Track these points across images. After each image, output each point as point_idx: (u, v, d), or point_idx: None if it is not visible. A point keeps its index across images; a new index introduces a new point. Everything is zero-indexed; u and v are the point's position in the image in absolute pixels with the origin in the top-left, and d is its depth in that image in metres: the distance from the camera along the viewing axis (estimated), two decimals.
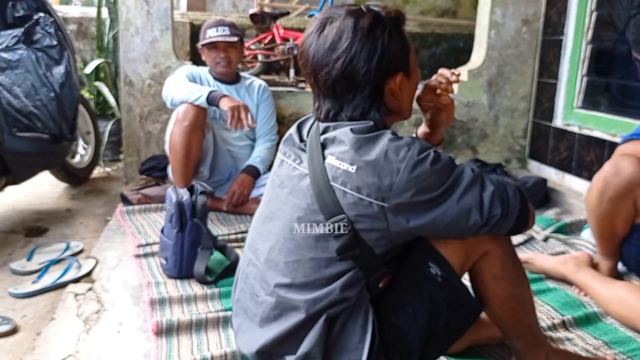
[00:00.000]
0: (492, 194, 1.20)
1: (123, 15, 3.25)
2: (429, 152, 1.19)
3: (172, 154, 2.74)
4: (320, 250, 1.24)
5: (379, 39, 1.23)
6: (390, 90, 1.28)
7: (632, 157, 1.89)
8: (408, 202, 1.17)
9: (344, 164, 1.21)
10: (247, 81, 3.11)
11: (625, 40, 3.10)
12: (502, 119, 3.67)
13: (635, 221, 1.97)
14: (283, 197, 1.32)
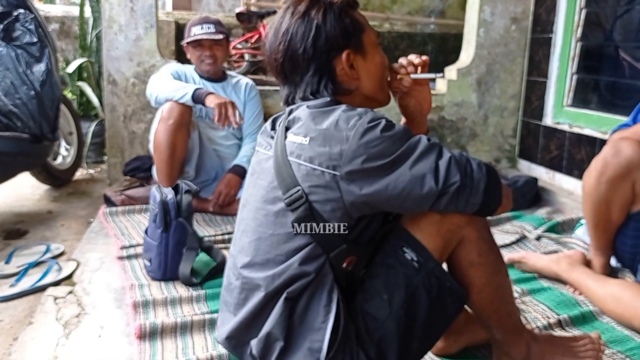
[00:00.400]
0: (449, 160, 1.17)
1: (106, 12, 3.18)
2: (381, 120, 1.19)
3: (156, 154, 2.67)
4: (280, 225, 1.23)
5: (313, 19, 1.28)
6: (341, 69, 1.30)
7: (631, 140, 1.87)
8: (359, 169, 1.16)
9: (299, 137, 1.22)
10: (233, 79, 3.04)
11: (614, 37, 3.08)
12: (491, 118, 3.64)
13: (631, 210, 1.94)
14: (253, 182, 1.33)
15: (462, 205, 1.19)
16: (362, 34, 1.32)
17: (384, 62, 1.38)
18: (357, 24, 1.33)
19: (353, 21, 1.32)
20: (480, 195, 1.19)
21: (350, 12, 1.33)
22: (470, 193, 1.18)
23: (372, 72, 1.35)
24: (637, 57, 2.92)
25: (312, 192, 1.19)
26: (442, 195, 1.17)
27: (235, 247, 1.34)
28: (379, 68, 1.36)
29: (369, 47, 1.33)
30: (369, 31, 1.34)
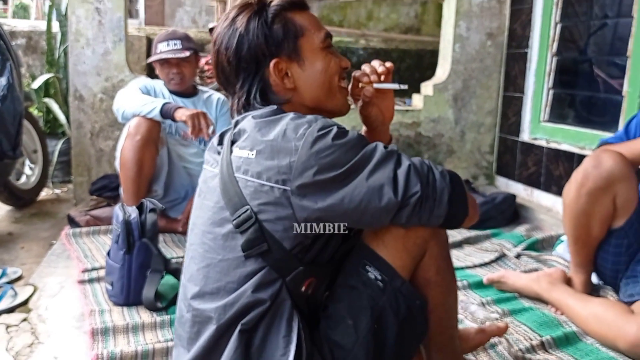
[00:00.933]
0: (408, 168, 1.08)
1: (73, 25, 3.07)
2: (332, 127, 1.09)
3: (122, 171, 2.56)
4: (229, 250, 1.13)
5: (237, 27, 1.21)
6: (273, 79, 1.22)
7: (613, 152, 1.82)
8: (311, 182, 1.06)
9: (244, 151, 1.12)
10: (205, 94, 2.95)
11: (590, 51, 3.07)
12: (468, 134, 3.60)
13: (612, 226, 1.88)
14: (199, 204, 1.23)
15: (425, 217, 1.10)
16: (298, 39, 1.22)
17: (332, 68, 1.24)
18: (292, 28, 1.22)
19: (286, 26, 1.21)
20: (445, 206, 1.11)
21: (285, 16, 1.22)
22: (433, 204, 1.10)
23: (312, 81, 1.23)
24: (611, 73, 2.90)
25: (262, 210, 1.10)
26: (403, 208, 1.08)
27: (185, 276, 1.23)
28: (322, 75, 1.24)
29: (307, 53, 1.22)
30: (309, 35, 1.23)
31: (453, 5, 3.48)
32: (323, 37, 1.24)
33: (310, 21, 1.25)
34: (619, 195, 1.81)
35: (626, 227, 1.87)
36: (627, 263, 1.92)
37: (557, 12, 3.11)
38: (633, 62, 2.55)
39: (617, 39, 2.82)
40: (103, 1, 3.06)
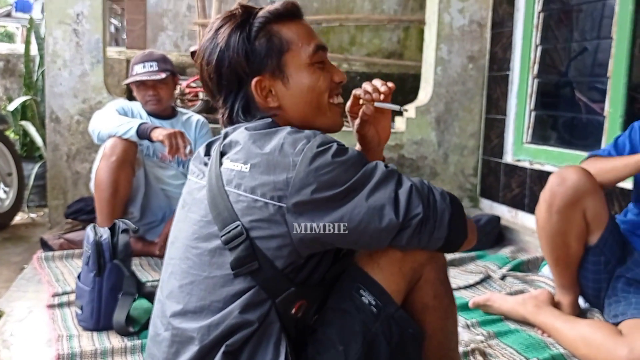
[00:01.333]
0: (410, 190, 1.04)
1: (50, 47, 3.03)
2: (332, 144, 1.04)
3: (97, 193, 2.48)
4: (216, 267, 1.06)
5: (218, 43, 1.15)
6: (257, 96, 1.15)
7: (575, 166, 1.82)
8: (308, 199, 1.01)
9: (237, 164, 1.06)
10: (184, 116, 2.90)
11: (570, 72, 3.08)
12: (451, 156, 3.58)
13: (588, 243, 1.85)
14: (183, 216, 1.16)
15: (425, 239, 1.06)
16: (282, 55, 1.14)
17: (320, 86, 1.17)
18: (277, 43, 1.14)
19: (270, 41, 1.14)
20: (445, 229, 1.06)
21: (271, 29, 1.14)
22: (434, 226, 1.05)
23: (298, 99, 1.16)
24: (591, 94, 2.91)
25: (254, 227, 1.03)
26: (404, 229, 1.04)
27: (163, 292, 1.16)
28: (308, 93, 1.16)
29: (292, 70, 1.15)
30: (295, 50, 1.15)
31: (434, 29, 3.49)
32: (312, 51, 1.16)
33: (300, 33, 1.17)
34: (588, 210, 1.80)
35: (600, 243, 1.85)
36: (607, 281, 1.89)
37: (537, 35, 3.12)
38: (613, 83, 2.55)
39: (597, 60, 2.83)
40: (81, 23, 3.02)
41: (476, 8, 3.46)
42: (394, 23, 5.20)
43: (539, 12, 3.10)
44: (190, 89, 3.97)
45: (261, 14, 1.16)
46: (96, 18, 3.02)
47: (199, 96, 3.98)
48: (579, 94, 2.98)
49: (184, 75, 4.05)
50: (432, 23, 3.53)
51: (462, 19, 3.46)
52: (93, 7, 3.01)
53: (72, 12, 3.00)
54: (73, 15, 3.00)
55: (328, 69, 1.19)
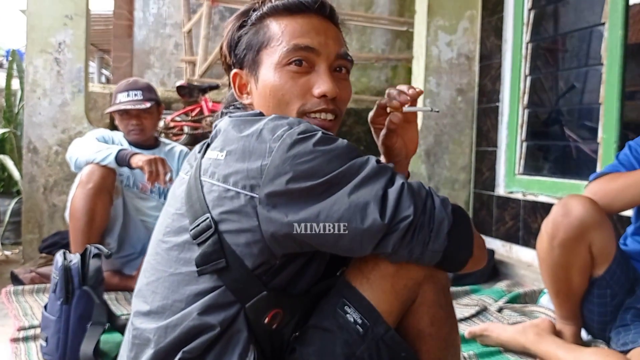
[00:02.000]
0: (401, 187, 0.90)
1: (29, 76, 2.95)
2: (316, 132, 0.92)
3: (72, 221, 2.35)
4: (182, 263, 0.95)
5: (228, 29, 1.12)
6: (233, 86, 1.12)
7: (581, 197, 1.69)
8: (282, 190, 0.89)
9: (215, 152, 0.96)
10: (166, 147, 2.80)
11: (560, 101, 3.05)
12: (442, 190, 3.49)
13: (593, 275, 1.74)
14: (164, 211, 1.06)
15: (418, 250, 0.91)
16: (260, 50, 1.05)
17: (287, 91, 1.03)
18: (260, 38, 1.06)
19: (256, 34, 1.06)
20: (443, 240, 0.91)
21: (264, 22, 1.06)
22: (429, 236, 0.90)
23: (262, 100, 1.06)
24: (584, 122, 2.87)
25: (224, 219, 0.92)
26: (390, 233, 0.89)
27: (135, 290, 1.06)
28: (271, 98, 1.04)
29: (263, 68, 1.05)
30: (272, 47, 1.04)
31: (422, 62, 3.47)
32: (286, 50, 1.03)
33: (289, 30, 1.04)
34: (594, 243, 1.67)
35: (607, 276, 1.73)
36: (614, 313, 1.77)
37: (526, 66, 3.10)
38: (606, 108, 2.51)
39: (589, 86, 2.79)
40: (63, 51, 2.96)
41: (464, 41, 3.45)
42: (381, 62, 5.21)
43: (527, 42, 3.09)
44: (176, 123, 3.90)
45: (266, 4, 1.07)
46: (79, 47, 2.96)
47: (184, 130, 3.90)
48: (569, 132, 2.94)
49: (169, 110, 3.98)
50: (420, 56, 3.52)
51: (450, 52, 3.45)
52: (76, 35, 2.95)
53: (54, 40, 2.94)
54: (55, 44, 2.94)
55: (312, 77, 1.04)
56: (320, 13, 1.07)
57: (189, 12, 5.11)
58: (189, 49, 4.95)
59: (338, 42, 1.08)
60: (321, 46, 1.04)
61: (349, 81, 1.11)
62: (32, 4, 2.92)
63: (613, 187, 1.72)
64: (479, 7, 3.43)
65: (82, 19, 2.97)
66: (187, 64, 4.85)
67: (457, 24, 3.42)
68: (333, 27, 1.09)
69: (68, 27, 2.95)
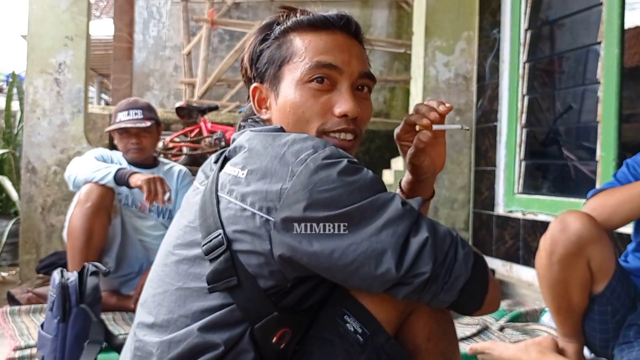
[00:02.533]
0: (425, 242, 0.86)
1: (29, 96, 2.97)
2: (342, 160, 0.88)
3: (70, 240, 2.34)
4: (192, 277, 0.93)
5: (250, 43, 1.11)
6: (252, 101, 1.11)
7: (578, 212, 1.68)
8: (299, 217, 0.86)
9: (235, 168, 0.93)
10: (165, 166, 2.80)
11: (558, 120, 3.06)
12: (442, 210, 3.49)
13: (593, 292, 1.72)
14: (176, 220, 1.04)
15: (426, 299, 0.90)
16: (282, 66, 1.03)
17: (308, 108, 1.01)
18: (283, 53, 1.04)
19: (279, 49, 1.04)
20: (454, 295, 0.89)
21: (288, 36, 1.05)
22: (441, 289, 0.88)
23: (281, 116, 1.04)
24: (582, 140, 2.87)
25: (237, 239, 0.90)
26: (403, 285, 0.87)
27: (140, 300, 1.04)
28: (290, 113, 1.02)
29: (284, 84, 1.03)
30: (295, 63, 1.02)
31: (420, 83, 3.49)
32: (308, 66, 1.00)
33: (313, 46, 1.02)
34: (593, 259, 1.66)
35: (607, 292, 1.71)
36: (616, 330, 1.75)
37: (524, 85, 3.12)
38: (604, 126, 2.52)
39: (586, 105, 2.81)
40: (63, 72, 2.98)
41: (461, 62, 3.48)
42: (379, 84, 5.25)
43: (524, 62, 3.11)
44: (175, 144, 3.91)
45: (291, 19, 1.06)
46: (79, 67, 2.98)
47: (182, 151, 3.91)
48: (567, 152, 2.95)
49: (168, 131, 3.99)
50: (417, 77, 3.54)
51: (448, 72, 3.47)
52: (76, 56, 2.97)
53: (54, 61, 2.96)
54: (55, 64, 2.96)
55: (334, 95, 1.02)
56: (345, 30, 1.06)
57: (188, 35, 5.16)
58: (188, 71, 4.99)
59: (362, 60, 1.06)
60: (344, 64, 1.02)
61: (370, 101, 1.09)
62: (33, 26, 2.95)
63: (610, 203, 1.71)
64: (476, 28, 3.47)
65: (82, 40, 2.99)
66: (187, 85, 4.88)
67: (454, 45, 3.46)
68: (357, 45, 1.07)
69: (68, 48, 2.97)
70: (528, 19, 3.10)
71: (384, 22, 5.47)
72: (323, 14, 1.05)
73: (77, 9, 2.97)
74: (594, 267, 1.67)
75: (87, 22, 3.03)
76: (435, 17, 3.42)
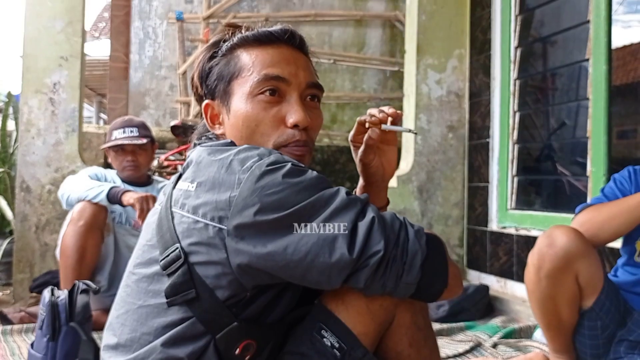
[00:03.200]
0: (372, 221, 0.89)
1: (24, 116, 2.98)
2: (286, 163, 0.91)
3: (62, 259, 2.35)
4: (151, 294, 0.94)
5: (197, 59, 1.15)
6: (205, 117, 1.12)
7: (565, 227, 1.69)
8: (250, 222, 0.88)
9: (186, 182, 0.96)
10: (159, 184, 2.81)
11: (550, 136, 3.09)
12: (436, 227, 3.49)
13: (582, 307, 1.72)
14: (137, 244, 1.06)
15: (391, 284, 0.91)
16: (232, 81, 1.06)
17: (260, 121, 1.03)
18: (232, 68, 1.06)
19: (228, 65, 1.07)
20: (417, 272, 0.91)
21: (235, 52, 1.07)
22: (402, 269, 0.90)
23: (234, 130, 1.05)
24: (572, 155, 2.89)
25: (193, 251, 0.92)
26: (360, 269, 0.89)
27: (106, 324, 1.05)
28: (243, 126, 1.04)
29: (235, 98, 1.05)
30: (244, 77, 1.04)
31: (412, 100, 3.52)
32: (257, 79, 1.03)
33: (260, 60, 1.05)
34: (581, 274, 1.67)
35: (596, 307, 1.71)
36: (606, 346, 1.75)
37: (515, 102, 3.15)
38: (594, 142, 2.54)
39: (576, 121, 2.83)
40: (58, 92, 3.00)
41: (453, 79, 3.51)
42: (374, 101, 5.29)
43: (515, 79, 3.14)
44: (169, 162, 3.92)
45: (237, 35, 1.09)
46: (73, 87, 3.01)
47: (177, 169, 3.92)
48: (561, 168, 2.97)
49: (163, 149, 4.01)
50: (410, 94, 3.57)
51: (440, 89, 3.50)
52: (71, 76, 3.00)
53: (49, 81, 2.99)
54: (50, 84, 2.99)
55: (284, 106, 1.04)
56: (290, 43, 1.09)
57: (184, 55, 5.21)
58: (183, 90, 5.03)
59: (308, 71, 1.10)
60: (292, 76, 1.05)
61: (320, 109, 1.12)
62: (28, 46, 2.98)
63: (599, 219, 1.73)
64: (467, 46, 3.51)
65: (77, 60, 3.02)
66: (182, 104, 4.92)
67: (446, 63, 3.49)
68: (303, 57, 1.11)
69: (63, 68, 3.00)
70: (518, 36, 3.14)
71: (377, 41, 5.53)
72: (268, 29, 1.08)
73: (72, 29, 3.01)
74: (582, 282, 1.68)
75: (82, 42, 3.06)
76: (426, 35, 3.46)
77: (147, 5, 5.34)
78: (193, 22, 5.28)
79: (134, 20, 5.31)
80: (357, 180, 1.19)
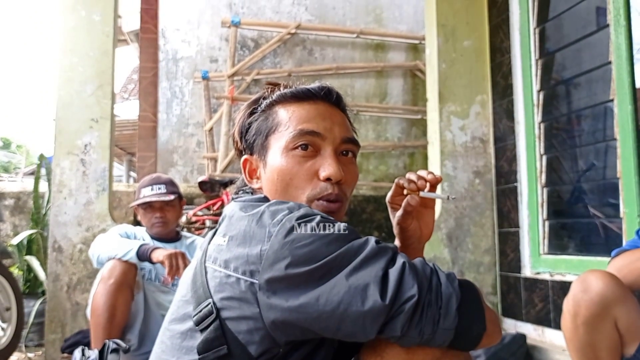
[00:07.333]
0: (402, 268, 0.87)
1: (56, 177, 3.06)
2: (315, 216, 0.92)
3: (93, 317, 2.35)
4: (185, 351, 0.94)
5: (238, 115, 1.19)
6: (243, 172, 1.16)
7: (600, 271, 1.64)
8: (282, 275, 0.87)
9: (219, 237, 0.97)
10: (187, 240, 2.84)
11: (579, 178, 3.03)
12: (467, 274, 3.42)
13: (624, 354, 1.65)
14: (173, 299, 1.06)
15: (428, 330, 0.87)
16: (269, 136, 1.09)
17: (294, 174, 1.05)
18: (269, 124, 1.09)
19: (266, 121, 1.10)
20: (454, 316, 0.87)
21: (274, 108, 1.11)
22: (438, 314, 0.86)
23: (270, 184, 1.08)
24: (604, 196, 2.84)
25: (225, 306, 0.92)
26: (396, 316, 0.85)
27: None
28: (278, 179, 1.06)
29: (271, 152, 1.08)
30: (280, 132, 1.08)
31: (437, 147, 3.52)
32: (292, 134, 1.05)
33: (297, 115, 1.08)
34: (620, 320, 1.61)
35: (639, 354, 1.64)
36: None
37: (541, 145, 3.12)
38: (625, 183, 2.49)
39: (605, 162, 2.79)
40: (88, 152, 3.08)
41: (477, 125, 3.51)
42: (398, 149, 5.30)
43: (539, 122, 3.13)
44: (198, 217, 3.96)
45: (275, 92, 1.13)
46: (103, 147, 3.09)
47: (205, 224, 3.95)
48: (592, 210, 2.91)
49: (191, 205, 4.06)
50: (434, 141, 3.57)
51: (464, 135, 3.50)
52: (101, 137, 3.09)
53: (81, 142, 3.08)
54: (81, 145, 3.08)
55: (318, 161, 1.06)
56: (327, 100, 1.12)
57: (210, 112, 5.33)
58: (210, 146, 5.12)
59: (344, 127, 1.11)
60: (326, 131, 1.07)
61: (355, 165, 1.13)
62: (60, 110, 3.08)
63: (637, 265, 1.68)
64: (489, 91, 3.52)
65: (107, 122, 3.11)
66: (209, 160, 5.00)
67: (468, 109, 3.50)
68: (339, 113, 1.13)
69: (94, 130, 3.09)
70: (539, 80, 3.15)
71: (399, 91, 5.59)
72: (306, 86, 1.11)
73: (102, 92, 3.11)
74: (621, 328, 1.62)
75: (112, 104, 3.16)
76: (447, 83, 3.49)
77: (174, 66, 5.52)
78: (218, 80, 5.42)
79: (161, 81, 5.48)
80: (384, 229, 1.19)
